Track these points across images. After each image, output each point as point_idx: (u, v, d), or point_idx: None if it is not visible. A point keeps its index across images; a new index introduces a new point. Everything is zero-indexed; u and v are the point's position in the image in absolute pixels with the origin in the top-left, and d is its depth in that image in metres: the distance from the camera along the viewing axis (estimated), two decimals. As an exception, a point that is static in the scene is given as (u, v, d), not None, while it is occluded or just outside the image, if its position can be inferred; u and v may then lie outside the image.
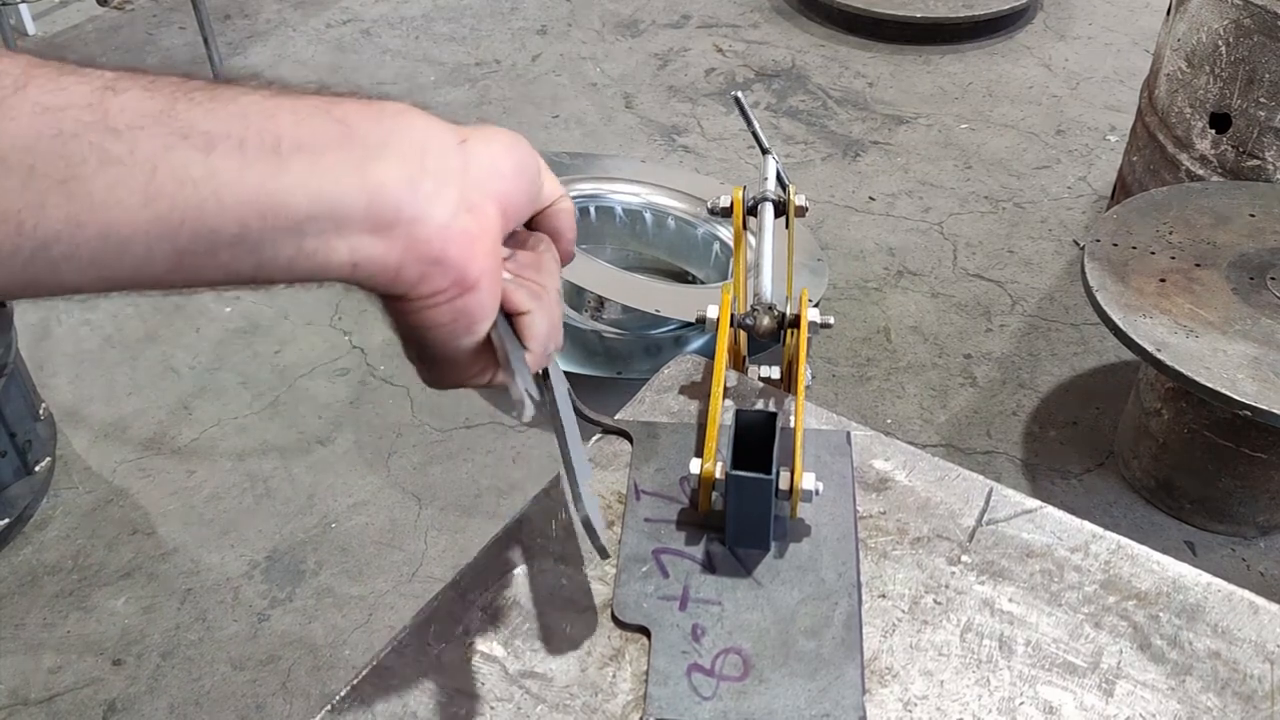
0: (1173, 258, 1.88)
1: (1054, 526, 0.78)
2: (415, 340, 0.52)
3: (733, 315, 0.83)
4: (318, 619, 1.95)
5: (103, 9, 3.63)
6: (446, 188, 0.49)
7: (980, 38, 3.67)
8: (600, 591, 0.73)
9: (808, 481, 0.73)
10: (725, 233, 2.57)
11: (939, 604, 0.72)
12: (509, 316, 0.56)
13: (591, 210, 2.64)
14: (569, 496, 0.68)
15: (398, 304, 0.50)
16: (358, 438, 2.29)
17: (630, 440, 0.83)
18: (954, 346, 2.52)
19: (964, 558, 0.75)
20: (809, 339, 0.82)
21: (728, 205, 0.90)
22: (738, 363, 0.93)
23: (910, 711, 0.67)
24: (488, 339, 0.54)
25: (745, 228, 0.92)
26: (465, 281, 0.50)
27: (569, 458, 0.65)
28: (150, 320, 2.59)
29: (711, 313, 0.84)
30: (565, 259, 0.62)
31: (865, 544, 0.76)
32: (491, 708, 0.66)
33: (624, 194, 2.67)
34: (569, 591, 0.73)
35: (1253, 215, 1.98)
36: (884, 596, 0.73)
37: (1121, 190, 2.65)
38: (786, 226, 0.93)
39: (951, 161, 3.12)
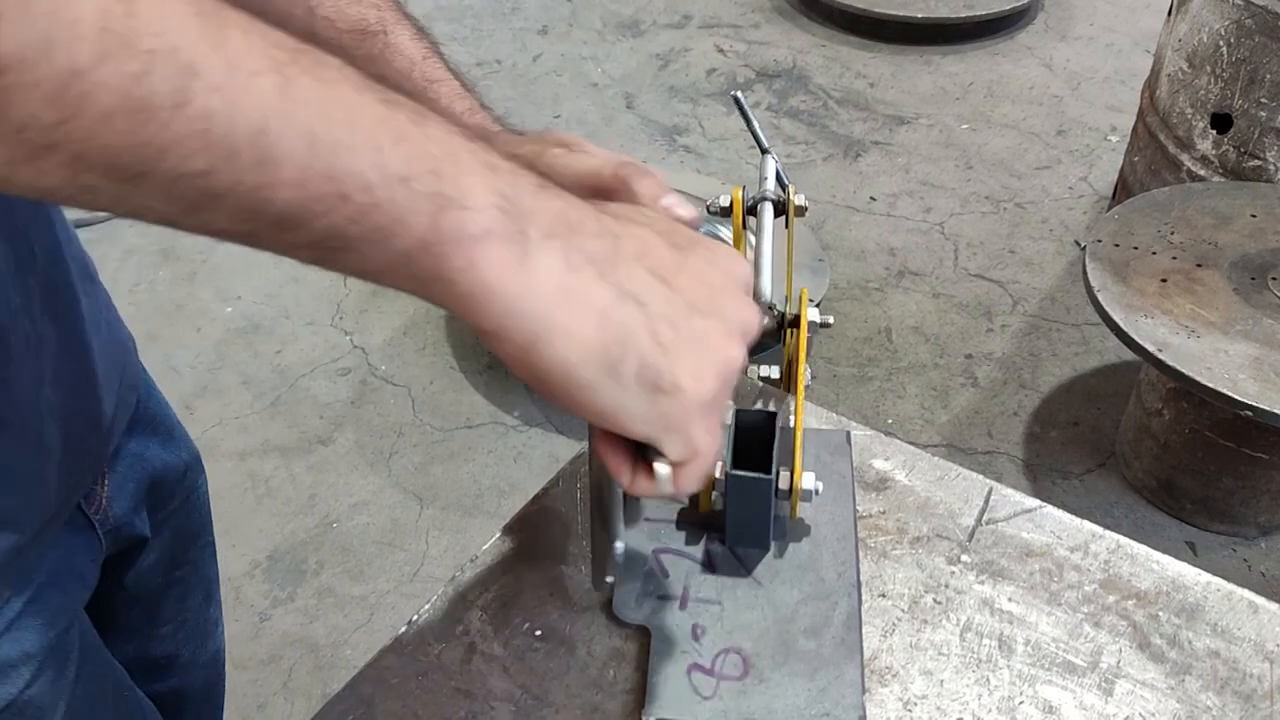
0: (1174, 258, 1.88)
1: (1053, 526, 0.78)
2: None
3: (733, 315, 0.83)
4: (319, 619, 1.95)
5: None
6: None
7: (981, 38, 3.67)
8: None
9: (807, 481, 0.73)
10: (726, 233, 2.57)
11: (939, 603, 0.72)
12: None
13: (592, 210, 2.64)
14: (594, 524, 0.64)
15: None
16: (359, 437, 2.29)
17: (630, 440, 0.83)
18: (955, 347, 2.52)
19: (964, 557, 0.75)
20: (809, 339, 0.82)
21: (727, 205, 0.90)
22: (738, 363, 0.93)
23: (910, 711, 0.67)
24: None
25: (745, 227, 0.92)
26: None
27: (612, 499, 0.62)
28: (151, 320, 2.59)
29: (711, 313, 0.83)
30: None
31: (865, 544, 0.76)
32: (491, 708, 0.66)
33: (625, 194, 2.66)
34: (569, 591, 0.73)
35: (1254, 215, 1.98)
36: (884, 596, 0.73)
37: (1123, 190, 2.64)
38: (786, 226, 0.93)
39: (952, 162, 3.12)
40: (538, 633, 0.70)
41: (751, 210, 0.91)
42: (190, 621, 1.02)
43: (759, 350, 0.63)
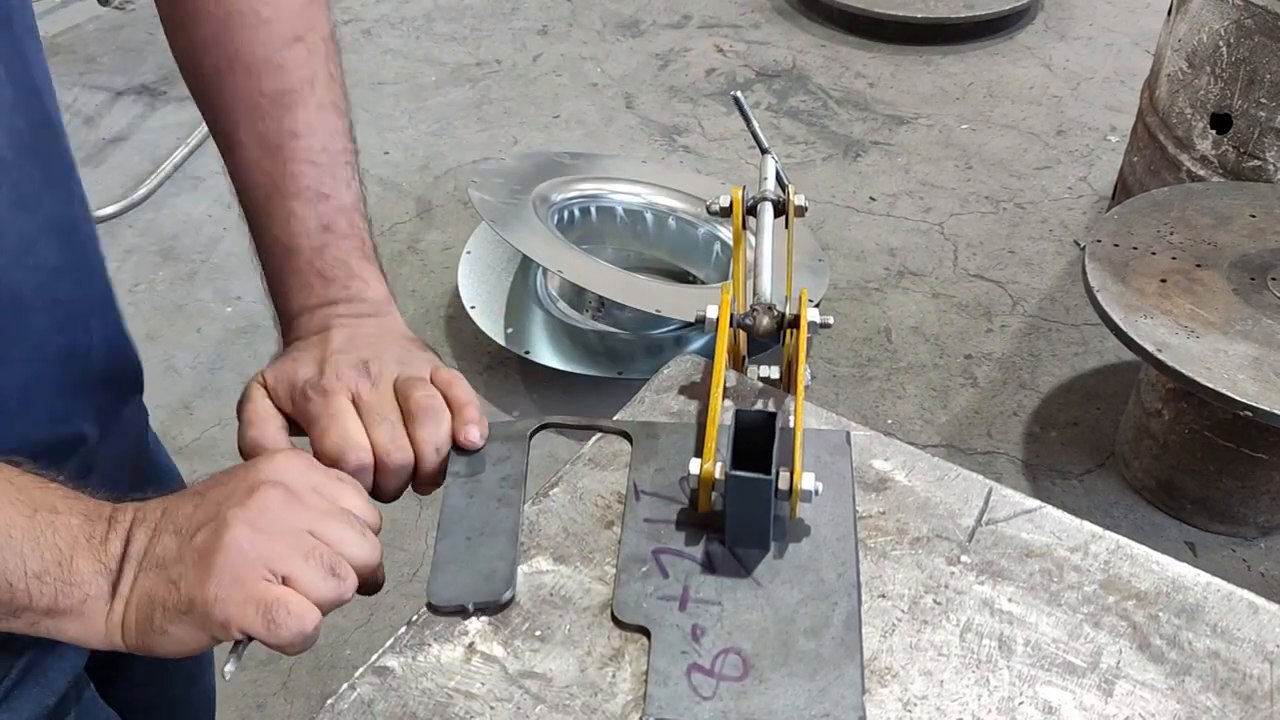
0: (1173, 258, 1.88)
1: (1053, 526, 0.78)
2: None
3: (732, 315, 0.83)
4: (318, 619, 1.95)
5: (104, 9, 3.63)
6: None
7: (981, 38, 3.67)
8: (600, 591, 0.73)
9: (807, 482, 0.73)
10: (726, 233, 2.57)
11: (938, 604, 0.72)
12: None
13: (592, 210, 2.64)
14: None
15: None
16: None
17: (630, 440, 0.83)
18: (955, 347, 2.52)
19: (963, 558, 0.75)
20: (809, 339, 0.82)
21: (727, 205, 0.90)
22: (737, 363, 0.93)
23: (910, 711, 0.67)
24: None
25: (745, 228, 0.92)
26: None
27: (435, 547, 0.75)
28: (151, 320, 2.59)
29: (711, 313, 0.84)
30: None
31: (865, 544, 0.76)
32: (491, 708, 0.66)
33: (625, 194, 2.67)
34: (569, 591, 0.73)
35: (1253, 216, 1.98)
36: (884, 596, 0.73)
37: (1122, 190, 2.65)
38: (786, 226, 0.93)
39: (952, 162, 3.12)
40: (538, 633, 0.70)
41: (751, 210, 0.91)
42: (173, 666, 1.02)
43: (759, 350, 0.64)
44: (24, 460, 0.64)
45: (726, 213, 0.91)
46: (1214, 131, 2.29)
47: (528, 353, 2.34)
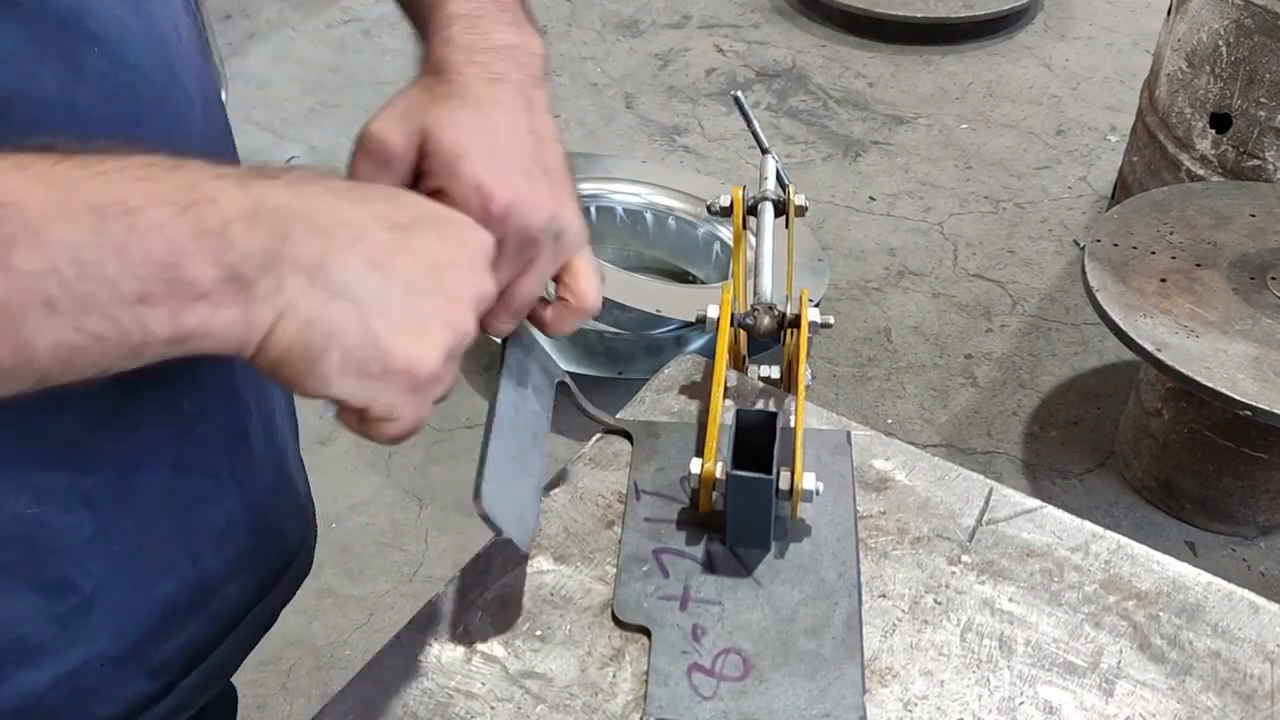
0: (1173, 258, 1.88)
1: (1054, 526, 0.78)
2: None
3: (733, 315, 0.83)
4: (318, 619, 1.95)
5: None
6: None
7: (981, 38, 3.67)
8: (600, 591, 0.73)
9: (808, 481, 0.73)
10: (726, 233, 2.57)
11: (939, 604, 0.72)
12: None
13: (592, 210, 2.64)
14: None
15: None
16: (358, 438, 2.28)
17: (630, 440, 0.83)
18: (954, 346, 2.52)
19: (964, 557, 0.75)
20: (809, 339, 0.82)
21: (727, 205, 0.90)
22: (738, 363, 0.93)
23: (910, 711, 0.67)
24: None
25: (745, 227, 0.92)
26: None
27: (485, 446, 0.69)
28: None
29: (712, 312, 0.84)
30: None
31: (865, 544, 0.76)
32: (491, 708, 0.66)
33: (625, 194, 2.66)
34: (569, 591, 0.73)
35: (1253, 215, 1.98)
36: (884, 596, 0.73)
37: (1122, 190, 2.65)
38: (786, 226, 0.93)
39: (952, 162, 3.12)
40: (538, 633, 0.70)
41: (752, 210, 0.91)
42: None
43: (759, 350, 0.64)
44: (53, 141, 0.46)
45: (727, 212, 0.91)
46: (1214, 131, 2.29)
47: (528, 353, 2.34)
